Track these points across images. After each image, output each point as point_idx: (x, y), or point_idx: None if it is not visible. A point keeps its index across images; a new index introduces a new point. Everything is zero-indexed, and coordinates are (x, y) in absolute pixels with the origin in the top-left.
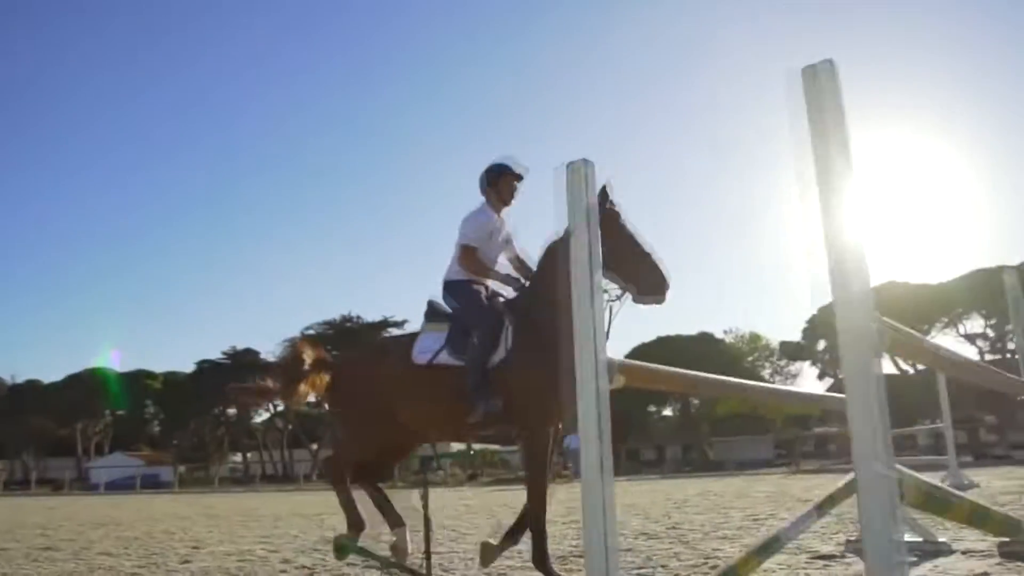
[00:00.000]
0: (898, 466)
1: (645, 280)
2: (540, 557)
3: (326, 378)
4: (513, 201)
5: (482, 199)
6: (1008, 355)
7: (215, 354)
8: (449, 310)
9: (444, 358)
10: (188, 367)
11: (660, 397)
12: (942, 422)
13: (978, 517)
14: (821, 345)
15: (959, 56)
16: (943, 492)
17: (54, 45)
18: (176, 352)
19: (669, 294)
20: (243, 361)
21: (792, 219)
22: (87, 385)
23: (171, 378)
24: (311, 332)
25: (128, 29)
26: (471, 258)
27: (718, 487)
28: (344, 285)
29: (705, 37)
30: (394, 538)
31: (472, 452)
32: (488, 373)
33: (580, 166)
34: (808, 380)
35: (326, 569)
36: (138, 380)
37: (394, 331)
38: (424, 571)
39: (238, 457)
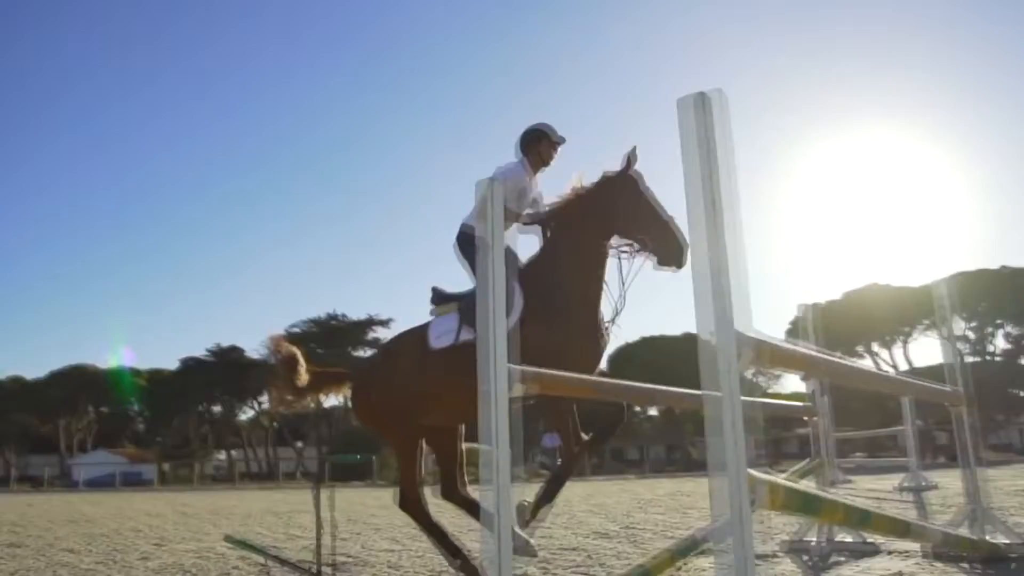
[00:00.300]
0: (753, 472)
1: (664, 247)
2: (544, 495)
3: (332, 386)
4: (550, 166)
5: (517, 157)
6: (988, 357)
7: (200, 351)
8: (451, 293)
9: (466, 335)
10: (173, 364)
11: None
12: (903, 424)
13: (857, 519)
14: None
15: (950, 59)
16: (813, 496)
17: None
18: (161, 349)
19: (687, 259)
20: (228, 359)
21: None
22: (71, 382)
23: (156, 375)
24: (296, 330)
25: (106, 32)
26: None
27: (690, 487)
28: (329, 283)
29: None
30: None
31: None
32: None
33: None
34: (791, 380)
35: (279, 566)
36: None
37: (380, 329)
38: (313, 570)
39: (223, 455)
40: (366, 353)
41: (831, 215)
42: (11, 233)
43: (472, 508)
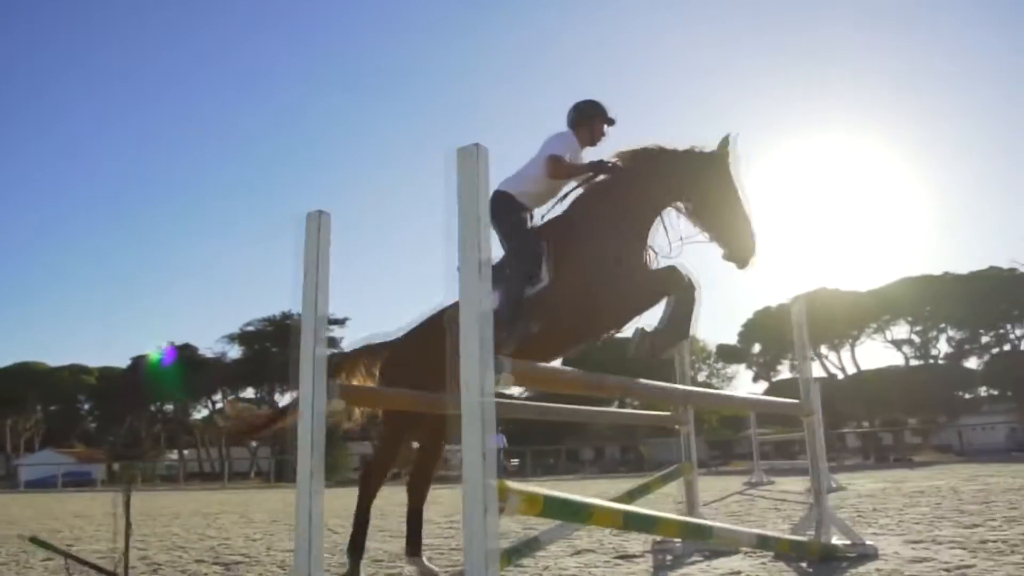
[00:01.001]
0: (509, 482)
1: (739, 242)
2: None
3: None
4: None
5: (567, 130)
6: (932, 360)
7: (152, 349)
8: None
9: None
10: (124, 362)
11: (603, 398)
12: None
13: (633, 521)
14: (756, 348)
15: (904, 62)
16: (565, 501)
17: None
18: (111, 347)
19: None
20: (181, 356)
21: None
22: (17, 380)
23: (107, 373)
24: (251, 328)
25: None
26: (562, 163)
27: (604, 486)
28: (285, 281)
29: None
30: (414, 567)
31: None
32: (524, 303)
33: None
34: (743, 382)
35: (175, 567)
36: (72, 375)
37: (336, 329)
38: (120, 571)
39: (175, 454)
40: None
41: (783, 220)
42: None
43: (412, 515)
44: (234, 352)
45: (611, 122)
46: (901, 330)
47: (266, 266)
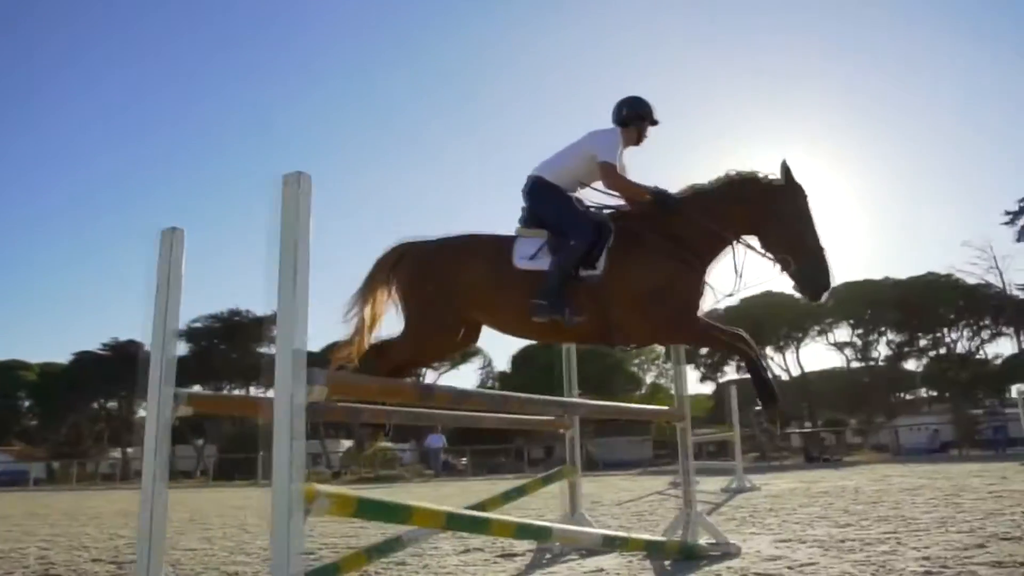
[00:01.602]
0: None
1: (814, 275)
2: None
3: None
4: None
5: (615, 128)
6: (872, 362)
7: (94, 345)
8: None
9: (546, 264)
10: (65, 358)
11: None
12: (732, 429)
13: (457, 523)
14: (704, 349)
15: (847, 66)
16: (381, 503)
17: None
18: (52, 342)
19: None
20: (125, 353)
21: None
22: None
23: (47, 369)
24: (198, 325)
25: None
26: (622, 179)
27: (503, 486)
28: (231, 277)
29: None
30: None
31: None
32: (573, 281)
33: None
34: (691, 383)
35: (68, 567)
36: (11, 370)
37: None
38: None
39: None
40: (271, 351)
41: None
42: None
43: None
44: (180, 349)
45: (656, 123)
46: (843, 332)
47: (214, 262)
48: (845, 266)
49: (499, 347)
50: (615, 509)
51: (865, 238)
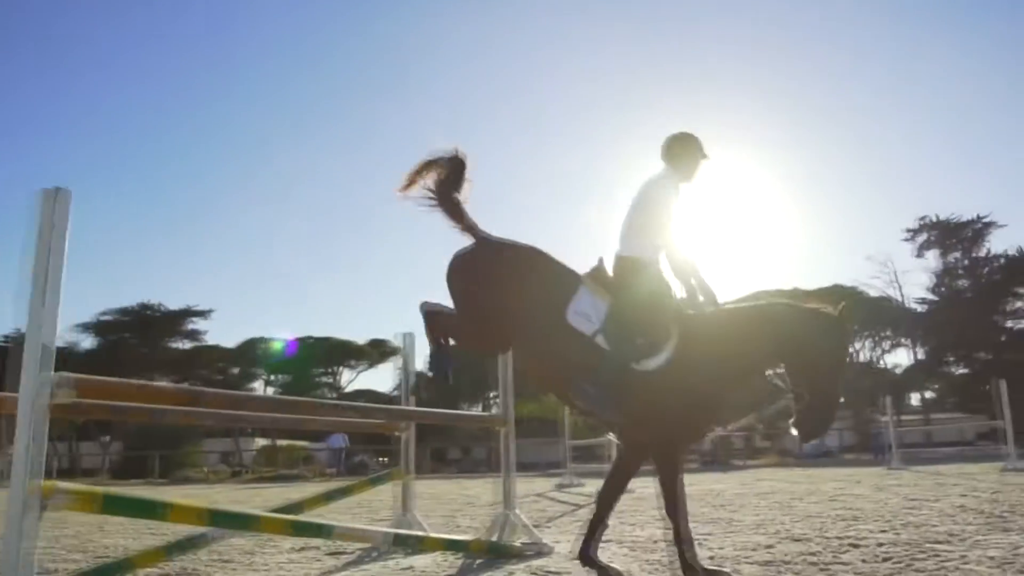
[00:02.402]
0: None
1: (817, 420)
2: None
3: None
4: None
5: (673, 175)
6: None
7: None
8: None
9: (600, 340)
10: None
11: (470, 396)
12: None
13: (219, 520)
14: None
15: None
16: (132, 499)
17: None
18: None
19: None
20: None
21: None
22: None
23: None
24: (107, 318)
25: None
26: (679, 254)
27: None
28: (140, 271)
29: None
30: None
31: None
32: (625, 374)
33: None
34: None
35: None
36: None
37: (199, 321)
38: None
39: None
40: (183, 346)
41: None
42: None
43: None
44: (88, 342)
45: (706, 158)
46: None
47: (125, 256)
48: (757, 276)
49: (422, 345)
50: (483, 510)
51: (776, 248)
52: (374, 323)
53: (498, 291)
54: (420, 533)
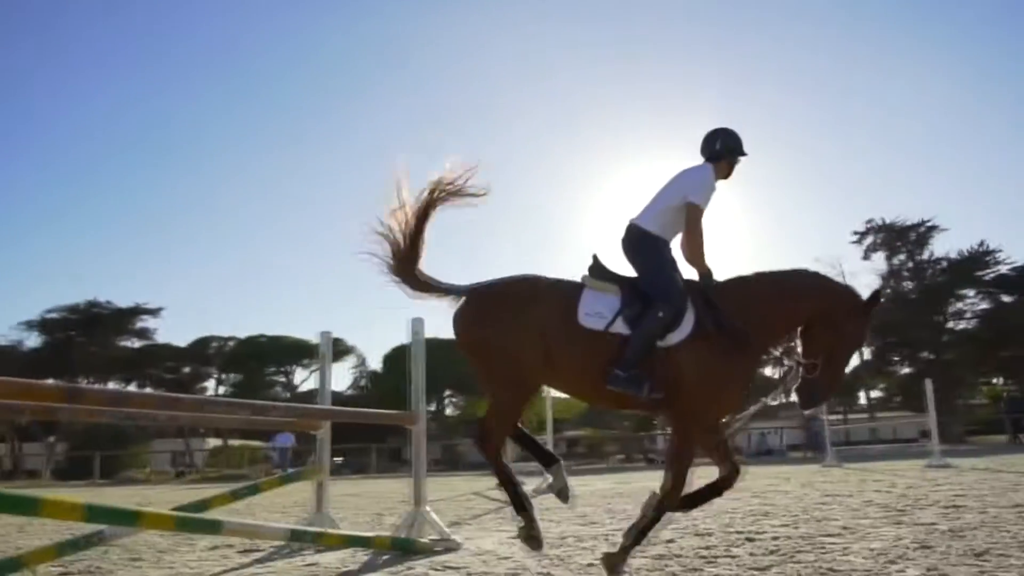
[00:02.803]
0: None
1: (822, 389)
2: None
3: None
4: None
5: (709, 167)
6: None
7: None
8: (613, 272)
9: (620, 327)
10: None
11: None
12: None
13: (96, 516)
14: None
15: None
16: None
17: None
18: None
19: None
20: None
21: None
22: None
23: None
24: (54, 316)
25: None
26: (701, 233)
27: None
28: (88, 267)
29: None
30: (551, 477)
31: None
32: (655, 351)
33: None
34: None
35: None
36: None
37: (148, 319)
38: None
39: None
40: (133, 344)
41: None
42: None
43: (524, 441)
44: (32, 341)
45: (745, 155)
46: None
47: (74, 252)
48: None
49: (373, 346)
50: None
51: (724, 250)
52: (328, 322)
53: (511, 326)
54: (317, 529)
